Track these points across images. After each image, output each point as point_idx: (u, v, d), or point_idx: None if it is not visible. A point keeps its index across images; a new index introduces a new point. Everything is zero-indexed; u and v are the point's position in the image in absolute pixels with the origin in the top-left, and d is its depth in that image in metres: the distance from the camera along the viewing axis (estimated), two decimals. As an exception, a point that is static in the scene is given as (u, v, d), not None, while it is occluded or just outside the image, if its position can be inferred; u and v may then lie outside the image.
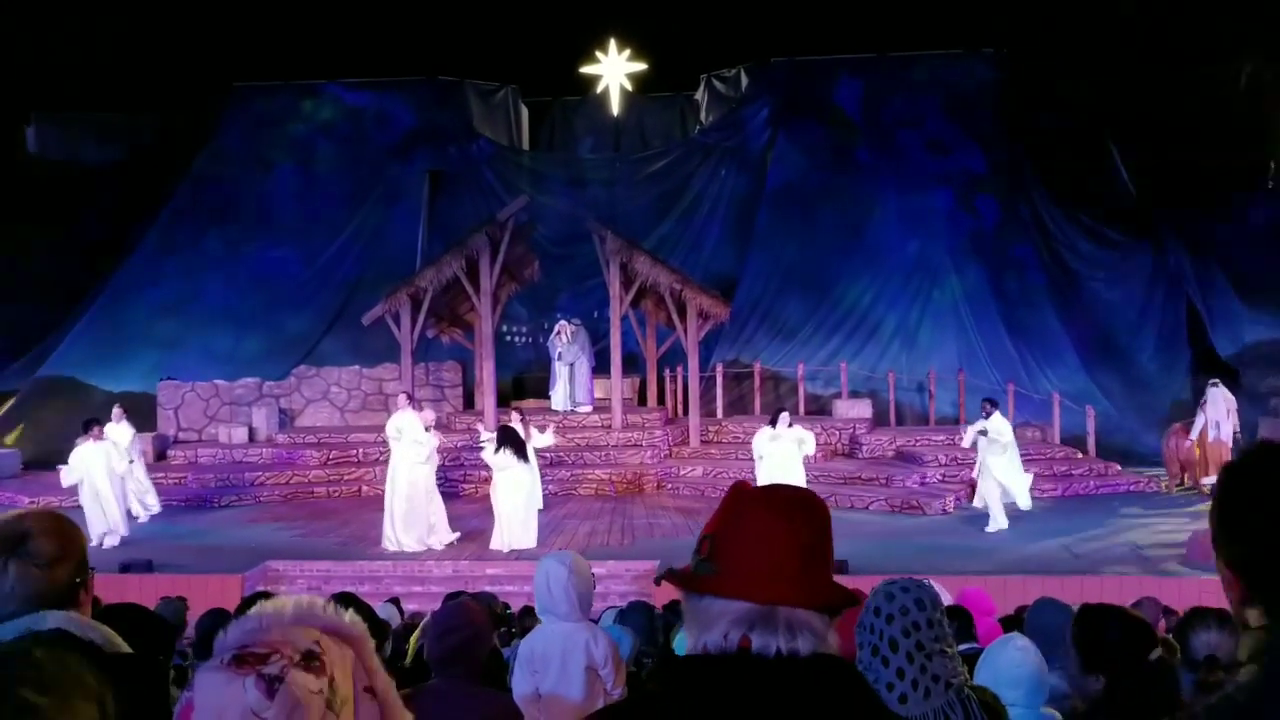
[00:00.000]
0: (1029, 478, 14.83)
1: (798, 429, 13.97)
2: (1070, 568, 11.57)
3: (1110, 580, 10.42)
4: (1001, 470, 13.96)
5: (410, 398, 13.98)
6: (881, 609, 2.56)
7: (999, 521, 13.69)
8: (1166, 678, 2.75)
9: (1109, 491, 16.54)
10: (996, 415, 14.08)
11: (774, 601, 1.47)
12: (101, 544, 12.93)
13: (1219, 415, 16.08)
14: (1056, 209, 23.15)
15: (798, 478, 13.04)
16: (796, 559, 1.50)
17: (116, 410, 15.84)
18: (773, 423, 13.75)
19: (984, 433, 13.85)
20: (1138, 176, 23.00)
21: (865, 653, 2.54)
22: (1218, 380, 16.96)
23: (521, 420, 13.83)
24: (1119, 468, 17.60)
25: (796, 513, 1.55)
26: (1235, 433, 16.10)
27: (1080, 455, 18.14)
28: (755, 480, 13.17)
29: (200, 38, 24.42)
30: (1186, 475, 16.63)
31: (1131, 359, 22.01)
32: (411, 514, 12.66)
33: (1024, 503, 14.48)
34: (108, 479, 13.41)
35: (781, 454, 13.37)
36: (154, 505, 15.40)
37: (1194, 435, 16.38)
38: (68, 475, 13.58)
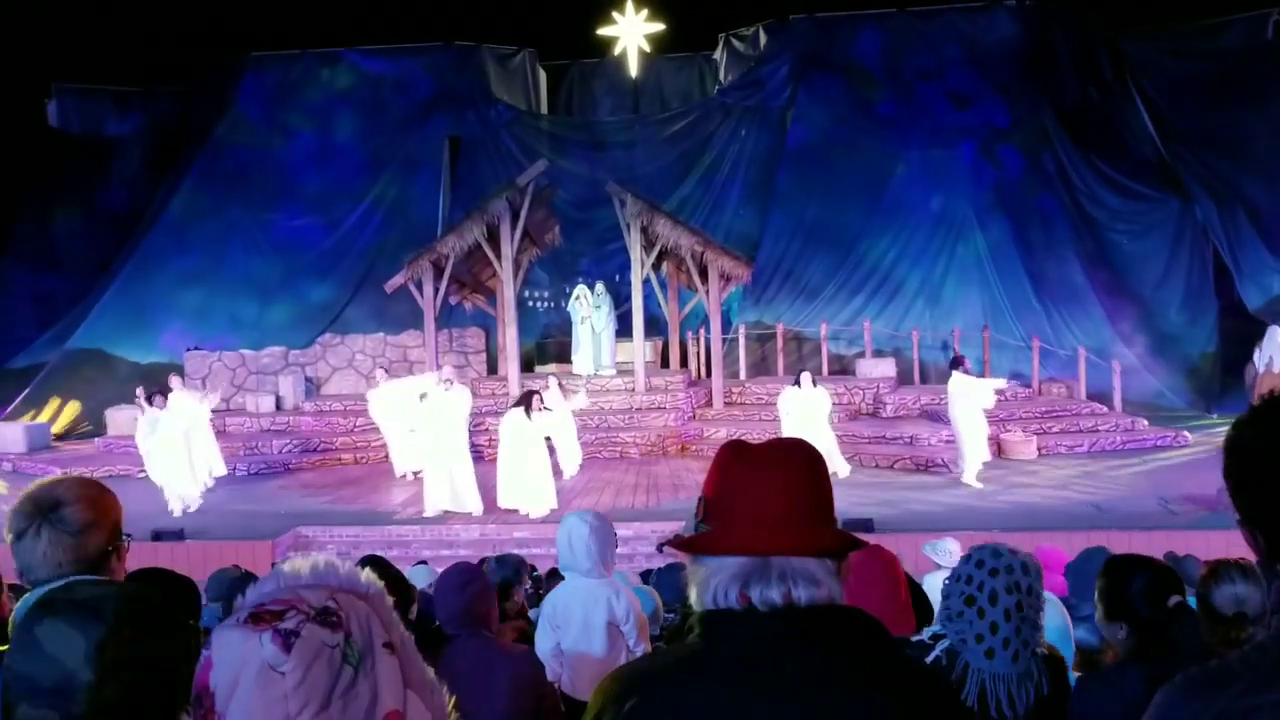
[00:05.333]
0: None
1: (821, 389, 14.15)
2: (1097, 523, 11.53)
3: (1138, 535, 10.37)
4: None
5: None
6: (986, 562, 2.52)
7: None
8: (1187, 622, 2.73)
9: (1136, 446, 16.44)
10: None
11: (765, 552, 1.47)
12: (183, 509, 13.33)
13: (1273, 349, 16.27)
14: (1081, 161, 22.86)
15: (824, 436, 13.38)
16: (784, 508, 1.50)
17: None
18: (797, 383, 13.94)
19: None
20: (1163, 127, 22.66)
21: (956, 601, 2.50)
22: None
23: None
24: (1146, 422, 17.48)
25: (780, 462, 1.54)
26: None
27: (1107, 410, 18.03)
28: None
29: (217, 7, 24.39)
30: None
31: (1158, 312, 21.82)
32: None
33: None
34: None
35: (804, 413, 13.56)
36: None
37: (1260, 368, 16.51)
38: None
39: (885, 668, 1.46)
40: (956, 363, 14.09)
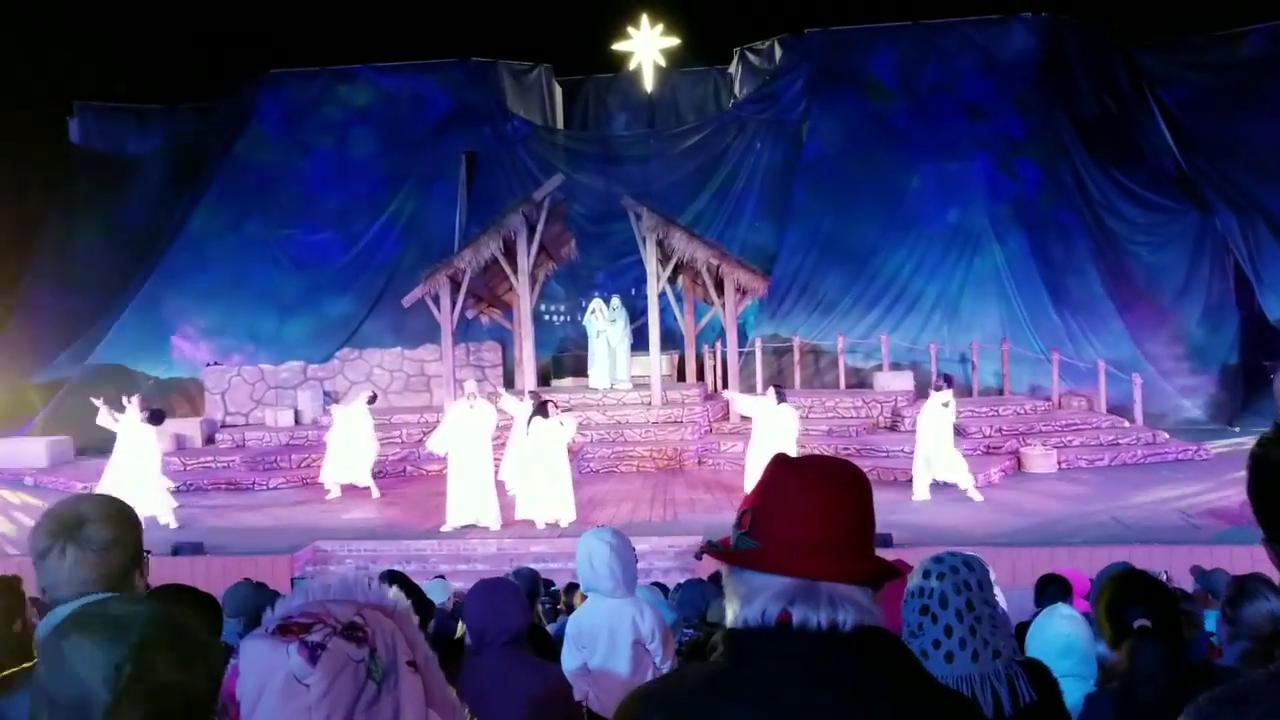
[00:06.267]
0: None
1: (786, 407, 14.18)
2: (1118, 537, 11.45)
3: (1160, 549, 10.29)
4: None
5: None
6: (931, 570, 2.52)
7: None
8: (1143, 647, 2.70)
9: (1157, 459, 16.32)
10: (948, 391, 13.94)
11: (814, 576, 1.46)
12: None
13: None
14: (1098, 172, 22.77)
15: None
16: (837, 532, 1.49)
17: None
18: (781, 399, 13.98)
19: (946, 405, 13.73)
20: (1181, 138, 22.57)
21: (913, 613, 2.50)
22: None
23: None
24: (1167, 435, 17.35)
25: (837, 485, 1.53)
26: None
27: (1127, 424, 17.91)
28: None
29: (235, 26, 24.63)
30: None
31: (1179, 324, 21.68)
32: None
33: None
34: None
35: (767, 426, 13.64)
36: None
37: None
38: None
39: (913, 688, 1.46)
40: (947, 381, 14.22)
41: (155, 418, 13.86)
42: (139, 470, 13.48)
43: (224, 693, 1.22)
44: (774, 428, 13.59)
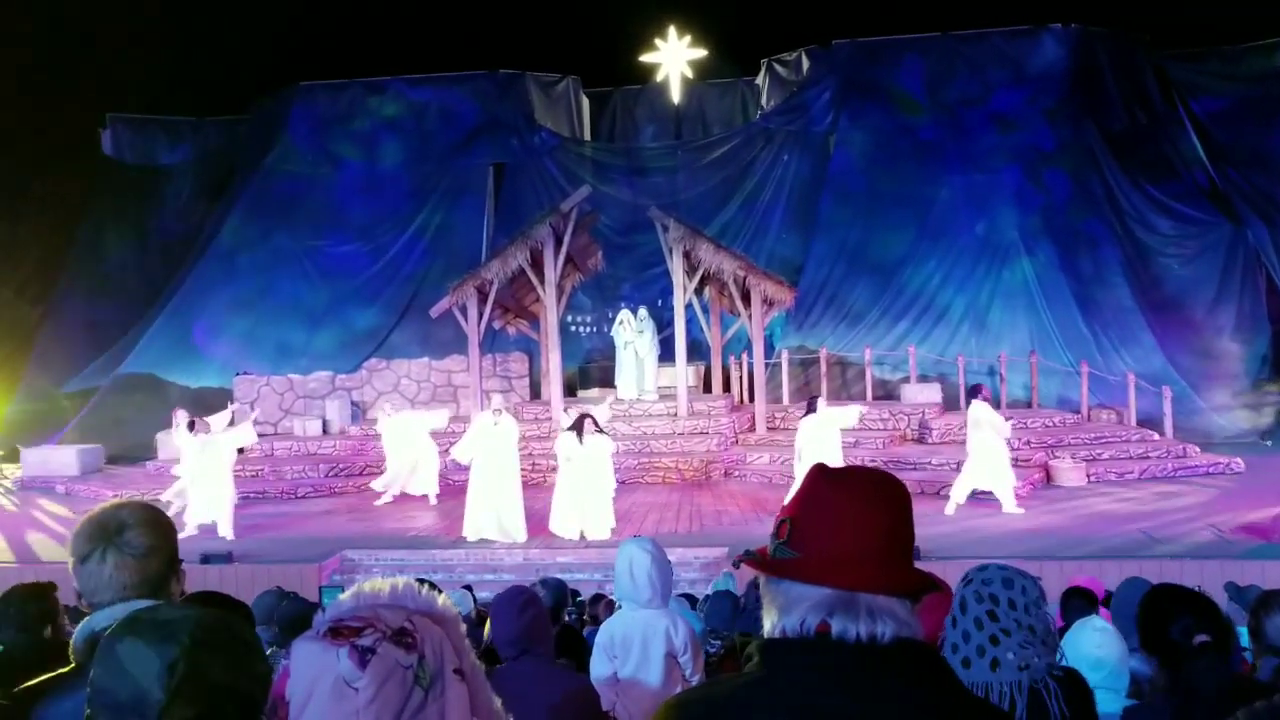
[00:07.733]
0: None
1: (834, 410, 14.08)
2: (1149, 552, 11.32)
3: (1190, 564, 10.18)
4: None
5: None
6: (973, 578, 2.51)
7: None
8: (1205, 663, 2.66)
9: (1188, 473, 16.16)
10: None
11: (855, 587, 1.46)
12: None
13: None
14: (1128, 184, 22.59)
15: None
16: (878, 544, 1.49)
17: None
18: (811, 410, 13.72)
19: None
20: (1212, 149, 22.37)
21: (948, 619, 2.49)
22: None
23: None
24: (1198, 449, 17.16)
25: (877, 497, 1.53)
26: None
27: (1157, 437, 17.74)
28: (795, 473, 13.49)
29: (266, 38, 24.89)
30: None
31: (1210, 337, 21.46)
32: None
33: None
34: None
35: (818, 433, 13.43)
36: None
37: None
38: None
39: (950, 701, 1.45)
40: (975, 391, 13.98)
41: (194, 425, 14.05)
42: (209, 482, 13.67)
43: (274, 692, 1.24)
44: (824, 430, 13.48)
